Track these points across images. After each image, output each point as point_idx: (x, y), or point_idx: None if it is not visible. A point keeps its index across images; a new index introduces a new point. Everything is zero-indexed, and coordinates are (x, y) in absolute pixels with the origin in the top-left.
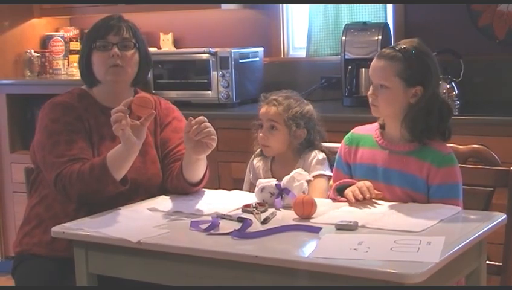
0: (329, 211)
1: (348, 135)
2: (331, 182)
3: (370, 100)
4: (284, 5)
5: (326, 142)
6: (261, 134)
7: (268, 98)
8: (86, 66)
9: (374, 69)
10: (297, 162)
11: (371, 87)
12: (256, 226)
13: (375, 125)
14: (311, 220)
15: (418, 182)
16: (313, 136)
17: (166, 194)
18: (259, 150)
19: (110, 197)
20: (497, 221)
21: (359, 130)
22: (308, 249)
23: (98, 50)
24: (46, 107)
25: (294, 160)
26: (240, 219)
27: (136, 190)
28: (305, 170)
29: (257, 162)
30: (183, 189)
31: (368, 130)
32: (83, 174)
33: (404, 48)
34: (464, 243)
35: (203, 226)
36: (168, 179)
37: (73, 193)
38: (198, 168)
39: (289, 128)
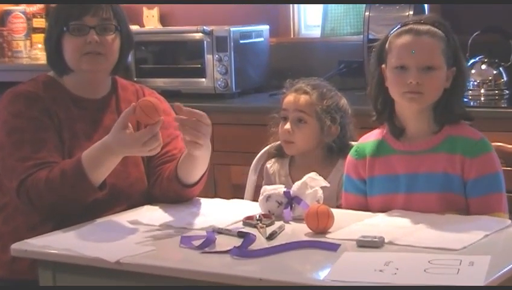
0: (349, 224)
1: (354, 147)
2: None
3: (411, 88)
4: None
5: None
6: (286, 127)
7: (296, 85)
8: (55, 51)
9: (412, 49)
10: (325, 168)
11: (412, 71)
12: (260, 242)
13: (381, 130)
14: (327, 235)
15: (451, 181)
16: (347, 137)
17: (151, 204)
18: (269, 147)
19: (83, 207)
20: None
21: (365, 139)
22: (324, 271)
23: (72, 34)
24: (4, 99)
25: (321, 164)
26: (240, 234)
27: (115, 198)
28: (339, 184)
29: (272, 165)
30: (175, 192)
31: (377, 136)
32: (53, 182)
33: (439, 22)
34: None
35: (196, 243)
36: (156, 183)
37: (42, 204)
38: (195, 167)
39: (321, 123)
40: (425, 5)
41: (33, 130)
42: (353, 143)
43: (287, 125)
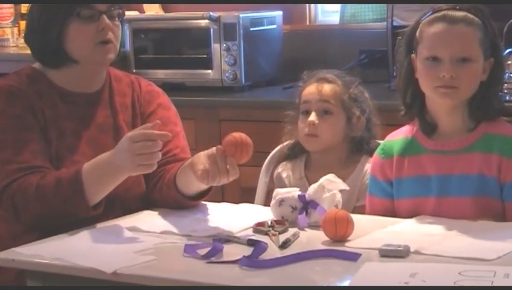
0: (371, 231)
1: (380, 145)
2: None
3: (444, 82)
4: None
5: None
6: (310, 118)
7: (316, 75)
8: (56, 40)
9: (446, 38)
10: (346, 168)
11: (445, 63)
12: (272, 251)
13: (411, 126)
14: (346, 244)
15: (487, 184)
16: (372, 132)
17: (151, 209)
18: (281, 146)
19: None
20: None
21: (393, 136)
22: (343, 283)
23: (82, 20)
24: None
25: (343, 163)
26: (250, 242)
27: (110, 204)
28: (360, 185)
29: (284, 168)
30: (176, 201)
31: (405, 133)
32: (45, 191)
33: (476, 7)
34: None
35: (202, 252)
36: (156, 187)
37: (28, 214)
38: (196, 181)
39: (348, 114)
40: None
41: (15, 130)
42: (379, 141)
43: (312, 117)
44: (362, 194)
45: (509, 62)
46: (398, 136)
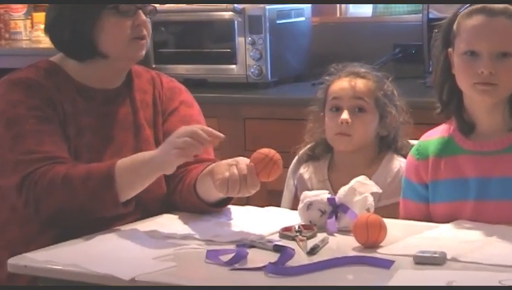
0: (405, 236)
1: (415, 145)
2: None
3: (482, 78)
4: None
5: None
6: (343, 116)
7: (346, 69)
8: (89, 32)
9: (484, 32)
10: (371, 168)
11: (484, 58)
12: (300, 258)
13: (448, 125)
14: (378, 250)
15: None
16: (399, 130)
17: (172, 212)
18: (306, 149)
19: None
20: None
21: (429, 136)
22: None
23: (119, 14)
24: (0, 87)
25: (369, 163)
26: (276, 248)
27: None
28: (383, 184)
29: (305, 170)
30: (196, 206)
31: (442, 133)
32: (72, 181)
33: None
34: None
35: (225, 258)
36: (176, 189)
37: (49, 205)
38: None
39: (382, 112)
40: None
41: (35, 121)
42: (412, 141)
43: (345, 115)
44: (384, 195)
45: None
46: (434, 136)
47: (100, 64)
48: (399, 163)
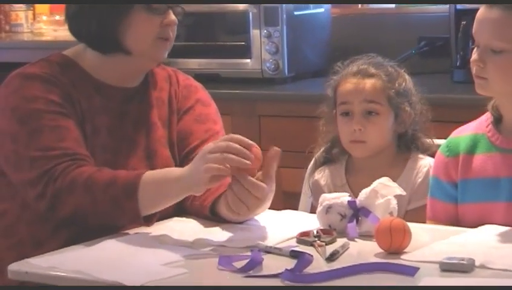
0: (430, 242)
1: (445, 141)
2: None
3: (474, 70)
4: None
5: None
6: (354, 125)
7: (352, 67)
8: (116, 26)
9: (482, 23)
10: (393, 169)
11: (475, 51)
12: (318, 264)
13: (485, 118)
14: (402, 257)
15: None
16: (419, 125)
17: (182, 215)
18: (321, 151)
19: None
20: None
21: (460, 132)
22: None
23: (149, 11)
24: (12, 82)
25: (391, 164)
26: (293, 254)
27: None
28: (412, 185)
29: (321, 175)
30: (209, 219)
31: (475, 129)
32: (95, 184)
33: None
34: None
35: (238, 264)
36: (186, 197)
37: (67, 205)
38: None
39: (396, 110)
40: None
41: (53, 116)
42: (438, 141)
43: (355, 124)
44: (415, 196)
45: None
46: (466, 132)
47: (121, 61)
48: (428, 162)
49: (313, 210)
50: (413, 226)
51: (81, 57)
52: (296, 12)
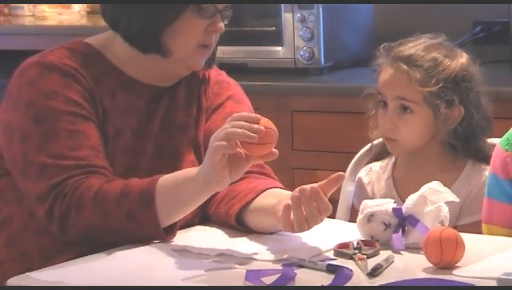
0: (486, 255)
1: (505, 136)
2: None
3: None
4: None
5: None
6: (385, 120)
7: (394, 52)
8: (161, 30)
9: None
10: (445, 172)
11: None
12: (359, 280)
13: None
14: (454, 272)
15: None
16: (478, 121)
17: (205, 224)
18: (365, 149)
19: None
20: None
21: None
22: None
23: (198, 14)
24: (28, 71)
25: (440, 165)
26: (331, 268)
27: None
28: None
29: (366, 173)
30: (233, 228)
31: None
32: (105, 197)
33: None
34: None
35: (268, 280)
36: (210, 203)
37: (77, 224)
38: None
39: (435, 109)
40: None
41: (71, 118)
42: (494, 141)
43: (387, 121)
44: (468, 210)
45: None
46: None
47: (155, 61)
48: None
49: (353, 217)
50: (466, 237)
51: (109, 49)
52: None
